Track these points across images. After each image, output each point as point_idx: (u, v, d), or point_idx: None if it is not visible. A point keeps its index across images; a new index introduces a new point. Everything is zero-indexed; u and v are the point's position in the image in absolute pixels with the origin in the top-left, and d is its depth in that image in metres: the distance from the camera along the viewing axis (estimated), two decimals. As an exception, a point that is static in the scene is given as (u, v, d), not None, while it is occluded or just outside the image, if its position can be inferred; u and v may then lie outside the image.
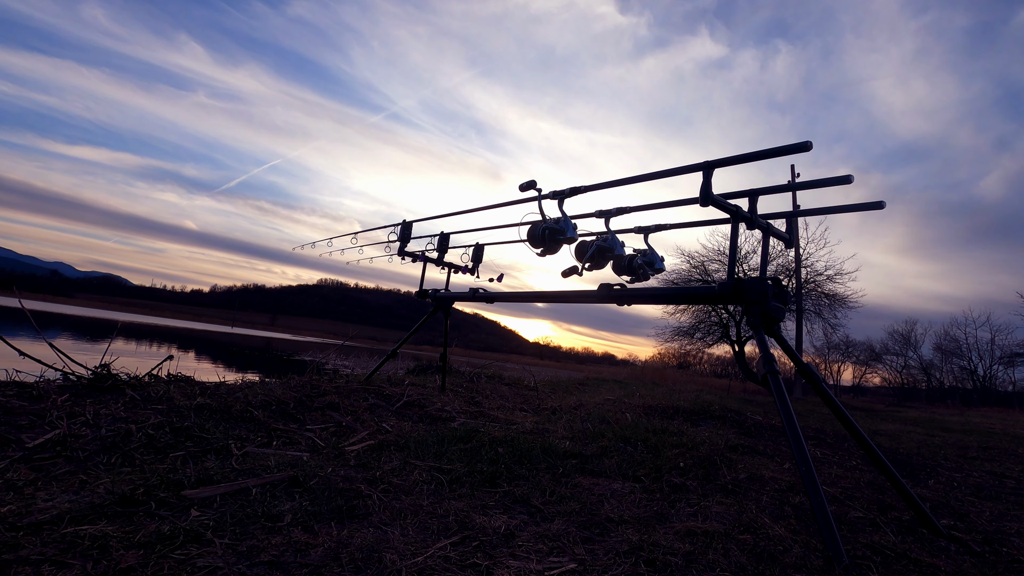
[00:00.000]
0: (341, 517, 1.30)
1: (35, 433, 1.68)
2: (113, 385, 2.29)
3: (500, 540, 1.23)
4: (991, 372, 25.38)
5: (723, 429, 3.48)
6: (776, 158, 1.60)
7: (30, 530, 1.08)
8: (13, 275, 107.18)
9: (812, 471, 1.35)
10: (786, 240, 1.99)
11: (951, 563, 1.34)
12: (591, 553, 1.20)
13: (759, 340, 1.70)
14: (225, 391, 2.57)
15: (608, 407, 4.04)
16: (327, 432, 2.22)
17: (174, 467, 1.57)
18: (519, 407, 3.74)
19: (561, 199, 2.34)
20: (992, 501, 2.21)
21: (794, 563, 1.22)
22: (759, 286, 1.72)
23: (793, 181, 5.83)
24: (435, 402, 3.19)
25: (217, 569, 0.98)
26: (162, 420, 1.92)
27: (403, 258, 3.59)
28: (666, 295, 2.29)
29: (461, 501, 1.51)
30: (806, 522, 1.57)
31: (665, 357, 22.93)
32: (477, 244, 3.45)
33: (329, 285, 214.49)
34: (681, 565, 1.15)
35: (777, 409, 1.54)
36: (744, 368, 16.54)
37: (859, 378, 30.14)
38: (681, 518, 1.51)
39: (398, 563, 1.06)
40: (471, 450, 2.09)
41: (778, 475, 2.19)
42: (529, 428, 2.80)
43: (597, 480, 1.89)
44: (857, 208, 1.89)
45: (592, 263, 2.32)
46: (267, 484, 1.47)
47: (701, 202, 1.69)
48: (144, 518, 1.19)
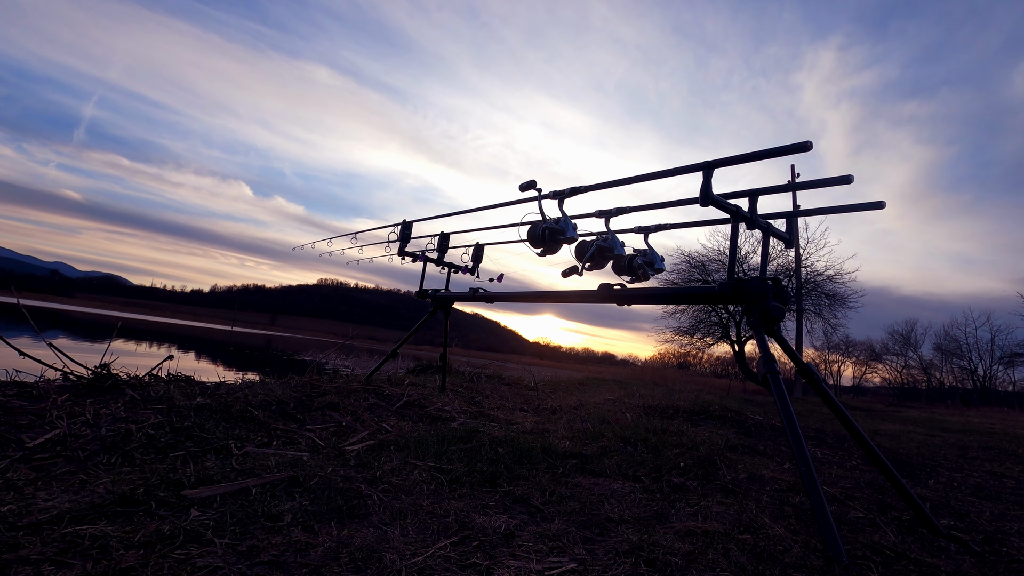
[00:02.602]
0: (341, 517, 1.30)
1: (35, 433, 1.68)
2: (113, 385, 2.29)
3: (500, 540, 1.23)
4: (991, 372, 25.37)
5: (723, 429, 3.48)
6: (776, 158, 1.60)
7: (30, 530, 1.08)
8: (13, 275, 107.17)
9: (812, 471, 1.35)
10: (786, 240, 1.99)
11: (951, 563, 1.34)
12: (591, 553, 1.20)
13: (759, 340, 1.70)
14: (225, 391, 2.57)
15: (608, 407, 4.05)
16: (327, 432, 2.22)
17: (174, 467, 1.57)
18: (519, 407, 3.74)
19: (561, 199, 2.35)
20: (992, 501, 2.21)
21: (794, 563, 1.22)
22: (759, 286, 1.72)
23: (793, 181, 5.82)
24: (435, 402, 3.19)
25: (217, 569, 0.98)
26: (162, 420, 1.92)
27: (403, 258, 3.59)
28: (666, 295, 2.28)
29: (461, 501, 1.51)
30: (806, 522, 1.57)
31: (665, 357, 22.94)
32: (477, 244, 3.45)
33: (329, 285, 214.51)
34: (681, 565, 1.15)
35: (777, 409, 1.54)
36: (744, 368, 16.53)
37: (859, 378, 30.15)
38: (681, 518, 1.51)
39: (398, 563, 1.06)
40: (471, 450, 2.09)
41: (778, 475, 2.19)
42: (529, 428, 2.80)
43: (597, 480, 1.89)
44: (857, 208, 1.89)
45: (592, 263, 2.32)
46: (267, 484, 1.47)
47: (701, 202, 1.69)
48: (144, 518, 1.19)
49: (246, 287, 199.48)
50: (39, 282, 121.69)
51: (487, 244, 3.45)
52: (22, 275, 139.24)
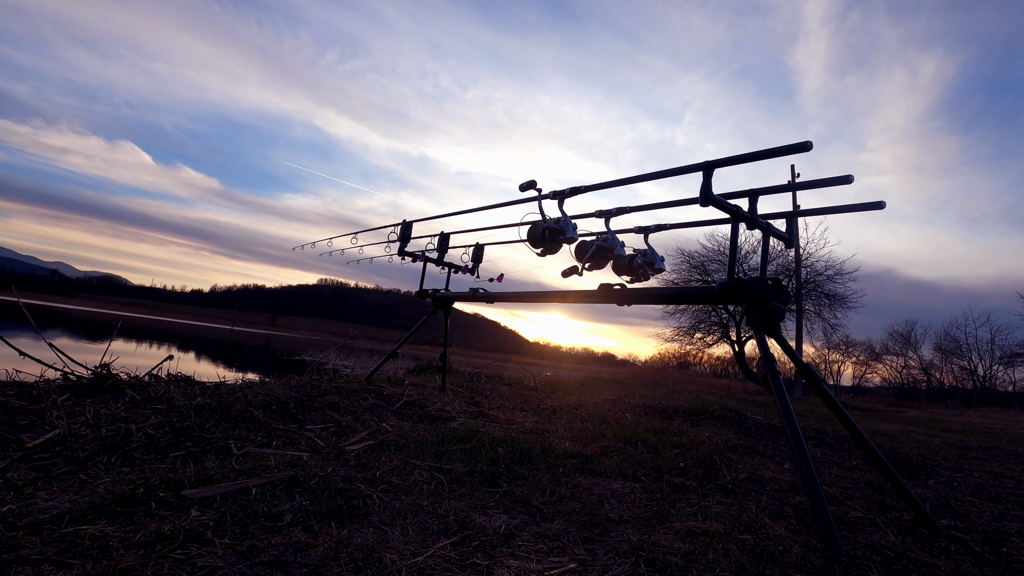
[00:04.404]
0: (341, 517, 1.30)
1: (35, 433, 1.68)
2: (113, 385, 2.29)
3: (500, 540, 1.23)
4: (991, 372, 25.38)
5: (723, 429, 3.49)
6: (776, 158, 1.60)
7: (30, 530, 1.08)
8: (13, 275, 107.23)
9: (812, 471, 1.35)
10: (786, 240, 1.99)
11: (951, 563, 1.34)
12: (591, 553, 1.20)
13: (759, 340, 1.70)
14: (225, 391, 2.58)
15: (608, 407, 4.05)
16: (327, 432, 2.23)
17: (174, 467, 1.57)
18: (519, 407, 3.74)
19: (561, 199, 2.35)
20: (992, 501, 2.21)
21: (794, 563, 1.22)
22: (759, 286, 1.72)
23: (793, 181, 5.82)
24: (435, 402, 3.19)
25: (217, 569, 0.98)
26: (162, 420, 1.92)
27: (403, 258, 3.60)
28: (666, 295, 2.29)
29: (461, 501, 1.51)
30: (806, 522, 1.57)
31: (665, 357, 22.94)
32: (477, 244, 3.45)
33: (329, 285, 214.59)
34: (681, 565, 1.15)
35: (777, 409, 1.54)
36: (744, 368, 16.54)
37: (859, 378, 30.15)
38: (681, 518, 1.51)
39: (398, 563, 1.06)
40: (471, 450, 2.09)
41: (778, 475, 2.19)
42: (529, 428, 2.80)
43: (597, 480, 1.89)
44: (857, 208, 1.89)
45: (592, 263, 2.32)
46: (267, 484, 1.47)
47: (701, 202, 1.69)
48: (144, 518, 1.19)
49: (246, 287, 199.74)
50: (39, 282, 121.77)
51: (487, 244, 3.46)
52: (22, 275, 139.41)
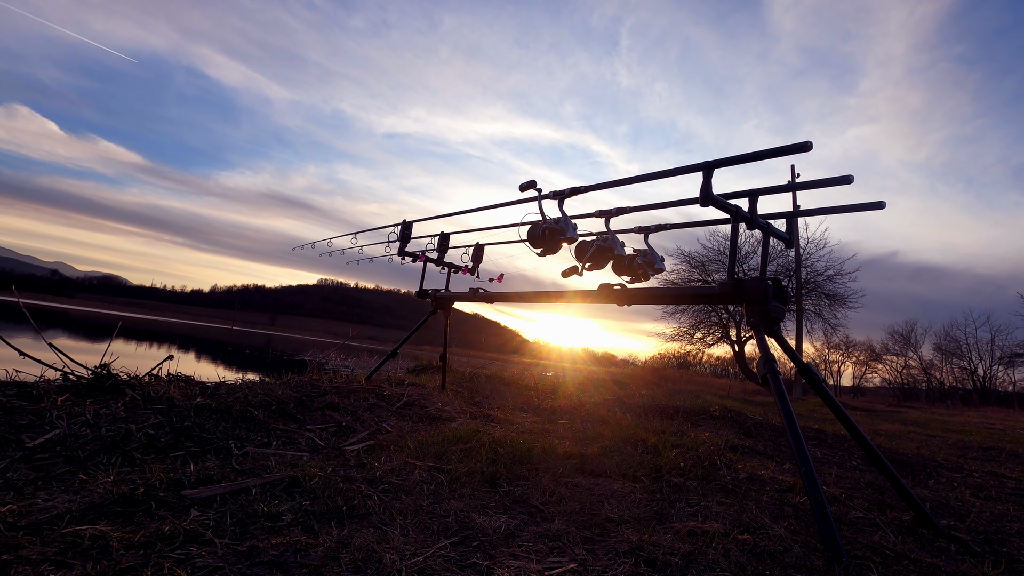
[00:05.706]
0: (341, 517, 1.30)
1: (35, 433, 1.68)
2: (113, 385, 2.29)
3: (500, 540, 1.23)
4: (991, 372, 25.38)
5: (723, 429, 3.49)
6: (776, 158, 1.60)
7: (30, 530, 1.08)
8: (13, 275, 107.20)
9: (812, 471, 1.35)
10: (786, 240, 1.99)
11: (951, 563, 1.34)
12: (591, 553, 1.20)
13: (759, 340, 1.70)
14: (225, 391, 2.57)
15: (608, 407, 4.04)
16: (327, 432, 2.22)
17: (174, 467, 1.57)
18: (519, 407, 3.74)
19: (561, 199, 2.35)
20: (992, 501, 2.21)
21: (794, 563, 1.22)
22: (759, 286, 1.72)
23: (793, 181, 5.82)
24: (435, 402, 3.19)
25: (217, 569, 0.98)
26: (162, 420, 1.92)
27: (403, 258, 3.60)
28: (666, 295, 2.29)
29: (461, 501, 1.50)
30: (806, 522, 1.57)
31: (665, 357, 22.93)
32: (477, 244, 3.45)
33: (329, 285, 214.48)
34: (681, 565, 1.15)
35: (777, 409, 1.54)
36: (744, 368, 16.53)
37: (859, 378, 30.15)
38: (681, 518, 1.51)
39: (398, 563, 1.06)
40: (471, 450, 2.09)
41: (778, 475, 2.19)
42: (529, 428, 2.80)
43: (597, 480, 1.89)
44: (857, 208, 1.89)
45: (592, 263, 2.32)
46: (267, 484, 1.47)
47: (701, 202, 1.69)
48: (144, 518, 1.19)
49: (246, 287, 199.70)
50: (39, 282, 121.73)
51: (487, 244, 3.46)
52: (22, 275, 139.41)
